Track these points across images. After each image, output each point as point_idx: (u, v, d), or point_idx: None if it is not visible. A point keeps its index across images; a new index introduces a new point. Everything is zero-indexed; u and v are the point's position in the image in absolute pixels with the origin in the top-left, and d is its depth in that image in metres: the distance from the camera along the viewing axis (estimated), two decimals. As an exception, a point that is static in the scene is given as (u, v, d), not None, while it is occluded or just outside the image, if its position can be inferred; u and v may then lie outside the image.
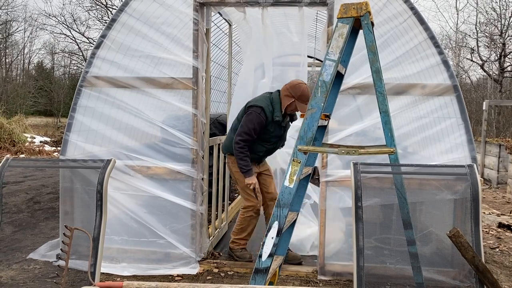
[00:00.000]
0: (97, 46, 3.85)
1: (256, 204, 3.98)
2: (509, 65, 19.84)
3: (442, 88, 3.54)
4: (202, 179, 3.90)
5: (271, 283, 2.65)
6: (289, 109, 3.85)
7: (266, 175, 4.14)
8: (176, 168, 3.78)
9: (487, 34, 20.43)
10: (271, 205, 4.10)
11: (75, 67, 28.41)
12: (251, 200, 3.97)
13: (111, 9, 22.53)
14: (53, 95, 26.71)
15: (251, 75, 4.57)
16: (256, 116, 3.77)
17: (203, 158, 3.91)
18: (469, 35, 21.44)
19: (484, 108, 10.35)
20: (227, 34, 5.44)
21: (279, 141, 4.06)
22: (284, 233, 2.65)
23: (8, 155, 3.98)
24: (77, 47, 25.84)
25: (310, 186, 3.93)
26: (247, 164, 3.84)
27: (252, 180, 3.86)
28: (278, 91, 3.91)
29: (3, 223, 5.09)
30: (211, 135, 4.71)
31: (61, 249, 2.63)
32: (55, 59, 30.28)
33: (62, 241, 2.81)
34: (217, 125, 6.11)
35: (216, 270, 3.79)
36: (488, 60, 20.47)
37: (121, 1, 4.51)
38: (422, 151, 3.66)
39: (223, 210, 5.03)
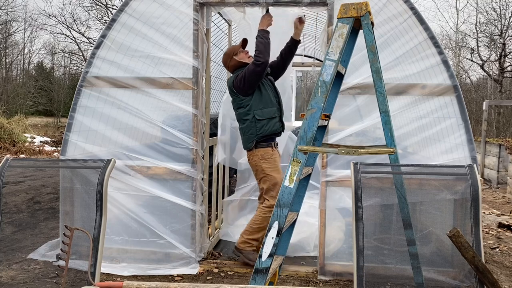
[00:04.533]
0: (97, 46, 3.85)
1: None
2: (509, 65, 19.86)
3: (442, 88, 3.54)
4: (202, 179, 3.90)
5: (271, 283, 2.65)
6: (239, 65, 4.03)
7: None
8: (176, 168, 3.78)
9: (487, 34, 20.45)
10: None
11: (75, 67, 28.42)
12: None
13: (111, 9, 22.54)
14: (53, 95, 26.70)
15: None
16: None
17: (203, 158, 3.91)
18: (469, 35, 21.47)
19: (484, 108, 10.35)
20: (227, 34, 5.43)
21: (279, 100, 4.00)
22: (284, 233, 2.66)
23: (8, 155, 3.98)
24: (77, 47, 25.86)
25: None
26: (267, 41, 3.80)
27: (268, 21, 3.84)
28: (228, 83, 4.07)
29: (3, 223, 5.09)
30: (211, 135, 4.71)
31: (61, 249, 2.63)
32: (55, 59, 30.30)
33: (62, 241, 2.81)
34: (217, 125, 6.09)
35: (216, 270, 3.79)
36: (488, 60, 20.50)
37: (121, 1, 4.51)
38: (422, 151, 3.66)
39: (223, 210, 5.03)
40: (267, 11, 3.91)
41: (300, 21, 4.02)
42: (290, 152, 4.98)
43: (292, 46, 4.09)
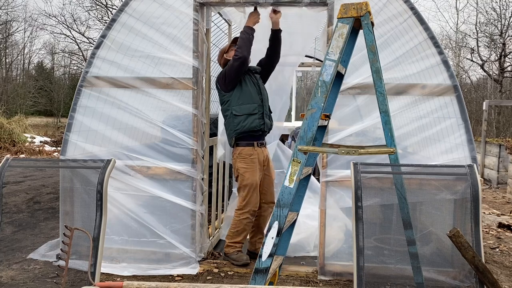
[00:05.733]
0: (97, 46, 3.85)
1: (255, 205, 3.92)
2: (509, 65, 19.86)
3: (442, 88, 3.54)
4: (202, 179, 3.90)
5: (271, 283, 2.65)
6: (226, 62, 4.07)
7: (268, 176, 4.10)
8: (176, 168, 3.78)
9: (487, 34, 20.45)
10: (264, 207, 4.07)
11: (75, 67, 28.39)
12: (250, 200, 3.88)
13: (111, 9, 22.54)
14: (53, 95, 26.68)
15: None
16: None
17: (203, 158, 3.91)
18: (469, 35, 21.48)
19: (484, 108, 10.35)
20: (227, 34, 5.44)
21: (262, 97, 3.98)
22: (284, 233, 2.66)
23: (8, 155, 3.98)
24: (77, 47, 25.85)
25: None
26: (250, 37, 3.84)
27: (255, 18, 3.88)
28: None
29: (3, 223, 5.08)
30: (211, 135, 4.71)
31: (61, 249, 2.63)
32: (55, 59, 30.27)
33: (62, 241, 2.81)
34: (217, 125, 6.09)
35: (216, 270, 3.79)
36: (488, 60, 20.50)
37: (121, 1, 4.51)
38: (422, 151, 3.66)
39: (223, 210, 5.03)
40: (255, 8, 3.94)
41: (275, 11, 3.96)
42: (281, 158, 5.01)
43: (274, 37, 4.06)
